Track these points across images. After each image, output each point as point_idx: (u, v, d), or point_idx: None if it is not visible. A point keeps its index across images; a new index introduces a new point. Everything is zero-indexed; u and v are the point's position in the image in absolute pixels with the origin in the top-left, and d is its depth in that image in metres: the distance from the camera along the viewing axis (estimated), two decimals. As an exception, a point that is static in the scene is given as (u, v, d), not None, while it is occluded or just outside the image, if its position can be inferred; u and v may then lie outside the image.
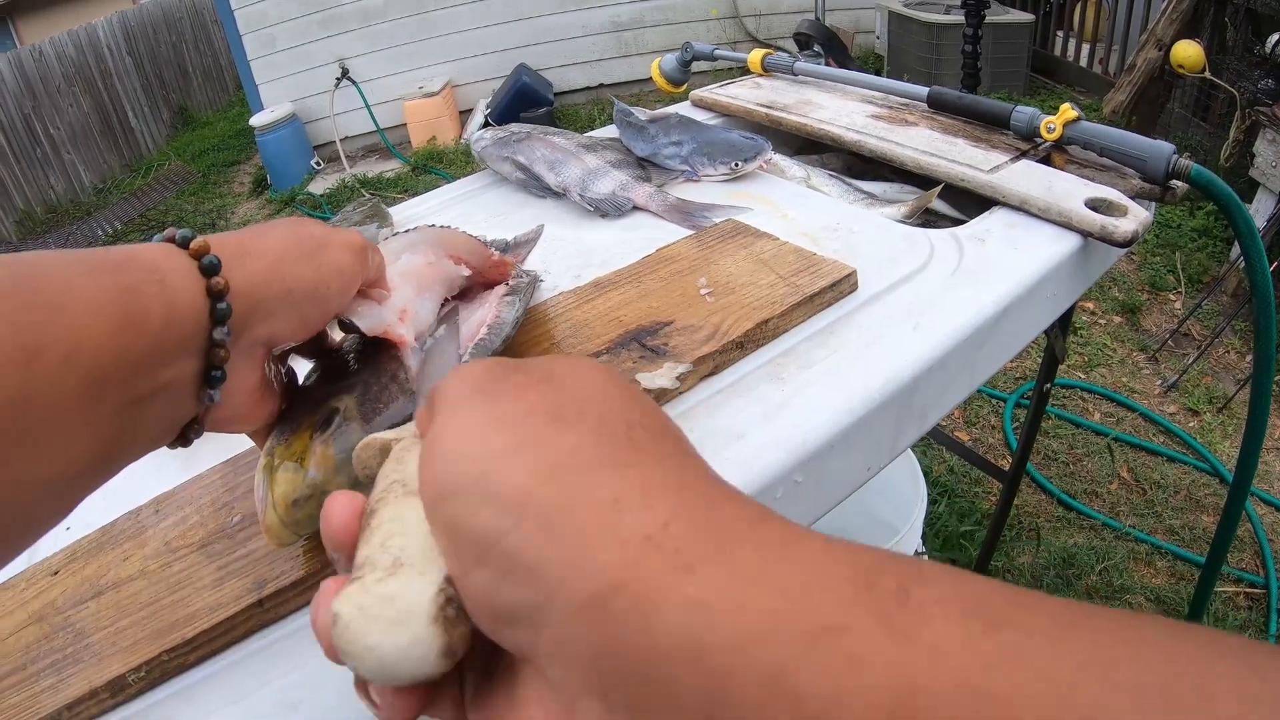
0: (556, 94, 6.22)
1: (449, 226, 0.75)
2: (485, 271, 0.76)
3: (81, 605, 0.61)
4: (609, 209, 1.05)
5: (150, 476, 0.76)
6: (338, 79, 6.09)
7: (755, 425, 0.67)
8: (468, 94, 6.36)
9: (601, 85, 6.51)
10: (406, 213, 1.18)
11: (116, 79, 8.06)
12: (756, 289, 0.79)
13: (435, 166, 5.71)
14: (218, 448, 0.76)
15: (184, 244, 0.44)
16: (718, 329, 0.74)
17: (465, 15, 6.20)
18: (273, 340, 0.50)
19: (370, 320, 0.59)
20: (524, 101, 5.77)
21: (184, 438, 0.47)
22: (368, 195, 5.12)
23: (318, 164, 6.18)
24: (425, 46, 6.25)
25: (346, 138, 6.26)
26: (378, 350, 0.61)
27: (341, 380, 0.59)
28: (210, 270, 0.44)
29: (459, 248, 0.73)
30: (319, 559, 0.59)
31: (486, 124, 5.67)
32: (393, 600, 0.28)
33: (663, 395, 0.70)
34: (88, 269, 0.39)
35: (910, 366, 0.72)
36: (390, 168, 5.99)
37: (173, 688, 0.56)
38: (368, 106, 6.16)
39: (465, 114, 6.32)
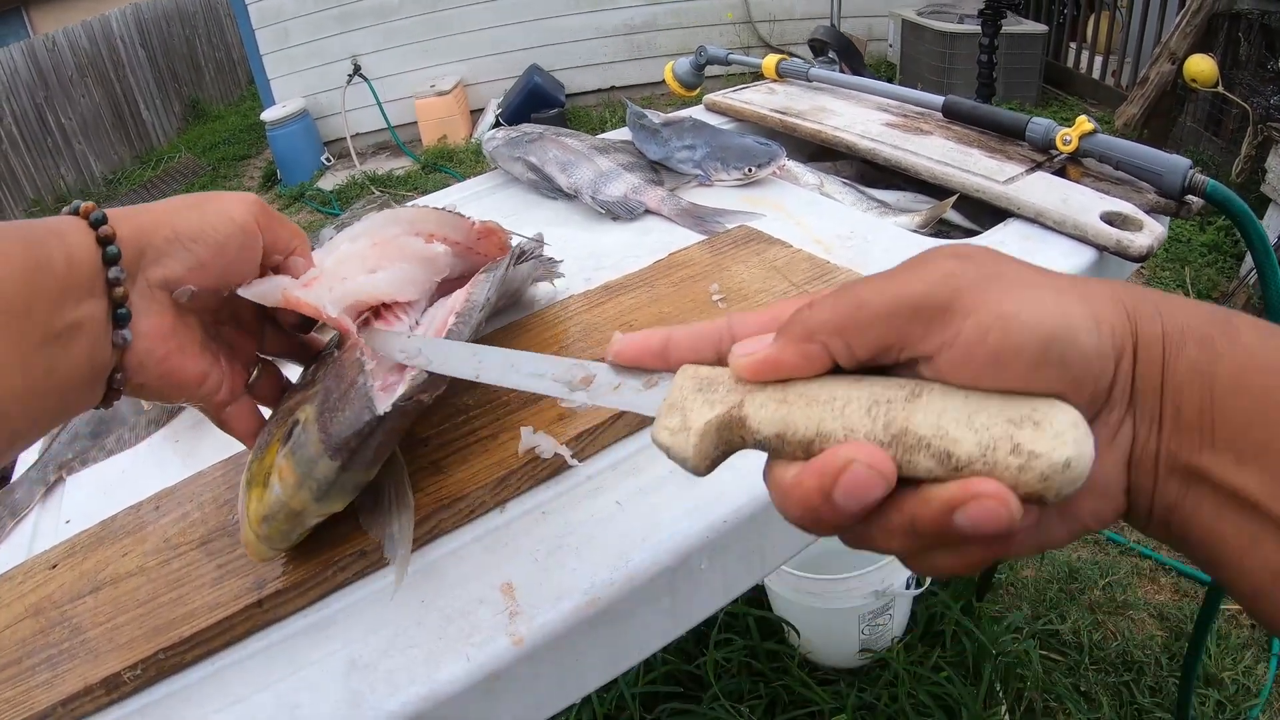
0: (568, 95, 6.21)
1: (421, 205, 0.72)
2: (475, 246, 0.74)
3: (79, 600, 0.61)
4: (621, 211, 1.04)
5: (152, 473, 0.76)
6: (350, 75, 6.09)
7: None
8: (479, 93, 6.36)
9: (613, 88, 6.50)
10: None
11: (129, 71, 8.08)
12: (769, 296, 0.78)
13: (445, 165, 5.71)
14: (219, 445, 0.75)
15: (74, 210, 0.50)
16: None
17: (478, 15, 6.20)
18: (169, 281, 0.52)
19: (259, 289, 0.58)
20: (535, 102, 5.77)
21: (113, 391, 0.51)
22: (377, 193, 5.12)
23: (328, 160, 6.18)
24: (438, 45, 6.25)
25: (357, 134, 6.26)
26: (344, 353, 0.59)
27: (311, 384, 0.58)
28: (97, 223, 0.49)
29: (427, 223, 0.69)
30: (319, 561, 0.59)
31: (498, 124, 5.67)
32: (1076, 426, 0.31)
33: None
34: None
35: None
36: (400, 165, 5.99)
37: (170, 687, 0.56)
38: (379, 103, 6.16)
39: (476, 113, 6.31)
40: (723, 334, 0.40)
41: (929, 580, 1.77)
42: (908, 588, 1.71)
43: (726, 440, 0.37)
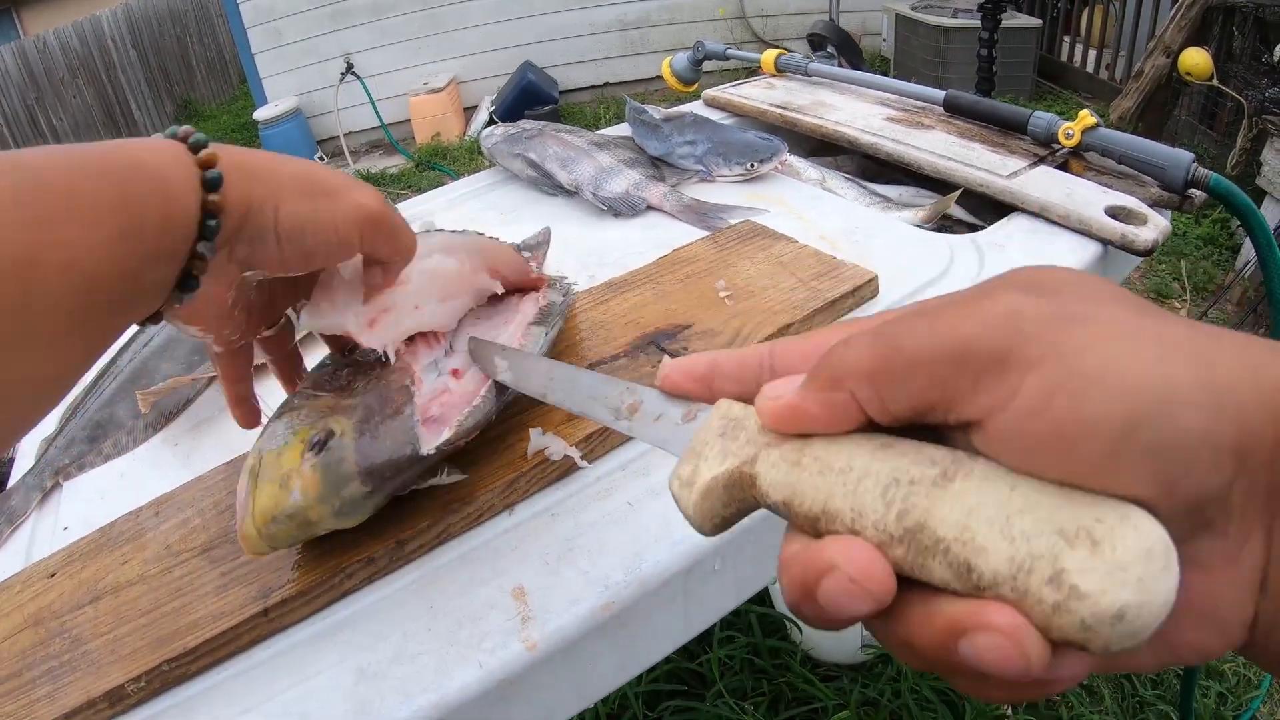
0: (562, 92, 6.20)
1: (495, 238, 0.72)
2: (509, 281, 0.73)
3: (79, 610, 0.60)
4: (623, 208, 1.03)
5: (150, 477, 0.75)
6: (343, 73, 6.07)
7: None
8: (473, 91, 6.34)
9: (607, 84, 6.49)
10: (414, 209, 1.17)
11: (120, 71, 8.05)
12: (777, 292, 0.78)
13: (439, 163, 5.68)
14: (219, 448, 0.74)
15: (195, 148, 0.45)
16: (738, 333, 0.73)
17: (472, 12, 6.18)
18: (248, 264, 0.49)
19: (319, 320, 0.56)
20: (529, 99, 5.75)
21: (149, 319, 0.48)
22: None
23: (321, 158, 6.16)
24: (431, 42, 6.23)
25: (350, 133, 6.24)
26: (390, 371, 0.59)
27: (348, 392, 0.57)
28: (211, 185, 0.44)
29: (500, 262, 0.70)
30: (327, 567, 0.58)
31: (492, 121, 5.66)
32: (1153, 555, 0.24)
33: (684, 402, 0.68)
34: (92, 174, 0.40)
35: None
36: (394, 164, 5.96)
37: (174, 698, 0.55)
38: (372, 102, 6.14)
39: (470, 111, 6.30)
40: (764, 365, 0.35)
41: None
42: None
43: (738, 500, 0.33)
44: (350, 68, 6.08)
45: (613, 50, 6.41)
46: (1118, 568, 0.23)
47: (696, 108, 1.39)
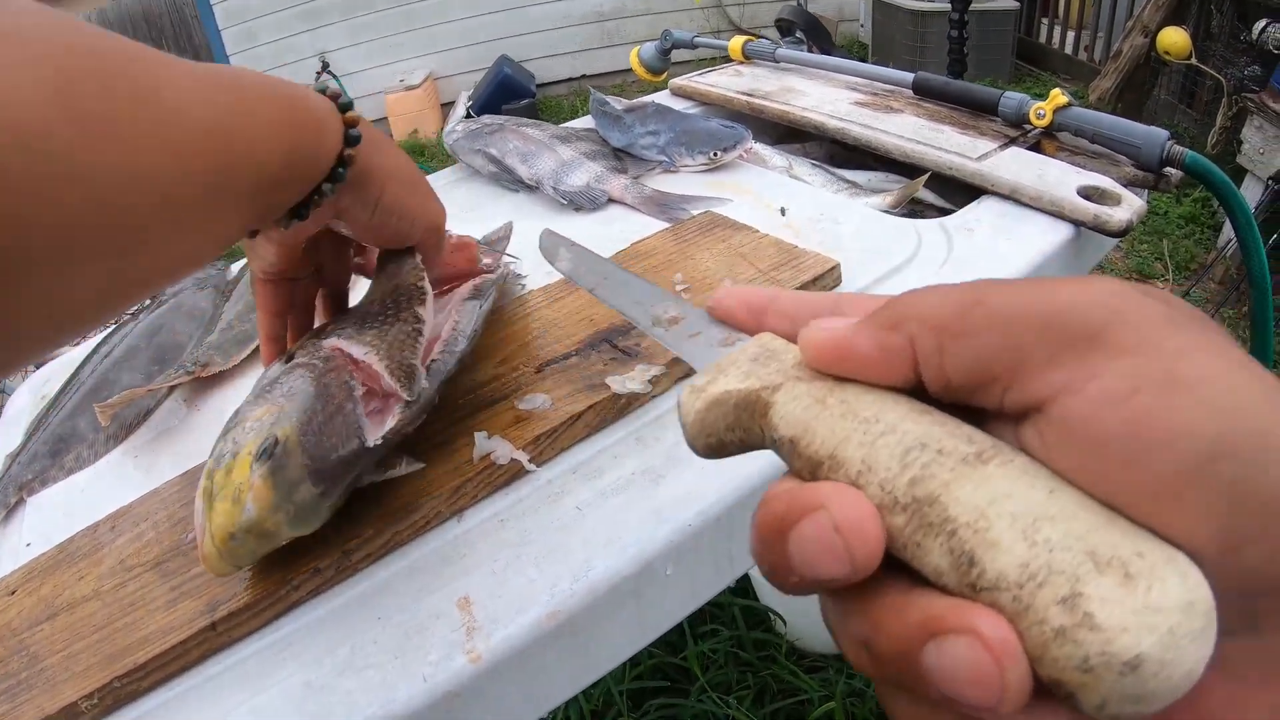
0: (539, 85, 6.17)
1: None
2: (449, 260, 0.73)
3: (36, 627, 0.59)
4: (583, 202, 1.01)
5: (112, 490, 0.74)
6: (318, 73, 6.03)
7: (734, 431, 0.64)
8: (450, 86, 6.31)
9: (584, 76, 6.47)
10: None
11: (95, 75, 7.99)
12: (735, 285, 0.76)
13: (418, 160, 5.65)
14: (178, 459, 0.74)
15: (343, 109, 0.54)
16: None
17: (448, 7, 6.15)
18: (340, 215, 0.58)
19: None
20: (506, 93, 5.73)
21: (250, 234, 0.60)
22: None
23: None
24: (407, 39, 6.20)
25: (328, 132, 6.19)
26: (329, 369, 0.58)
27: (290, 397, 0.56)
28: (352, 141, 0.53)
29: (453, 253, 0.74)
30: (274, 580, 0.56)
31: (469, 116, 5.62)
32: (1195, 608, 0.20)
33: (634, 400, 0.66)
34: (276, 94, 0.46)
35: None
36: (372, 161, 5.93)
37: (129, 714, 0.54)
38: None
39: (447, 107, 6.26)
40: (827, 308, 0.32)
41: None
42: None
43: (744, 425, 0.29)
44: (326, 67, 6.05)
45: (589, 42, 6.38)
46: (1149, 610, 0.19)
47: (662, 97, 1.37)
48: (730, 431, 0.30)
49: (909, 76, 1.20)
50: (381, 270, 0.67)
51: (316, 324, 0.70)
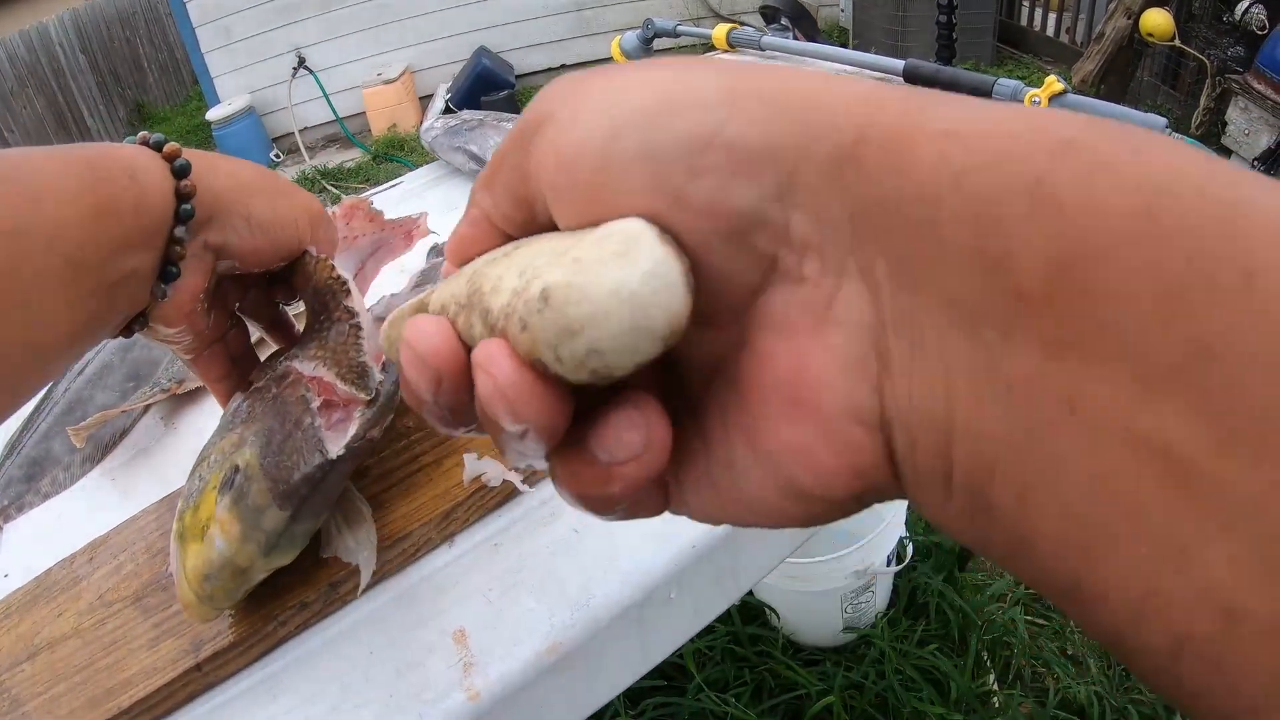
0: (518, 76, 6.13)
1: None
2: (351, 236, 0.68)
3: (17, 668, 0.57)
4: (568, 201, 0.99)
5: (91, 515, 0.73)
6: (295, 68, 5.98)
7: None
8: (427, 79, 6.25)
9: (564, 66, 6.42)
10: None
11: (70, 78, 7.89)
12: None
13: (396, 154, 5.62)
14: (156, 482, 0.73)
15: (157, 148, 0.48)
16: None
17: (424, -2, 6.11)
18: (223, 251, 0.52)
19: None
20: (485, 85, 5.68)
21: (128, 329, 0.50)
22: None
23: (277, 156, 6.08)
24: (384, 32, 6.14)
25: (305, 128, 6.16)
26: (284, 387, 0.55)
27: (249, 423, 0.53)
28: (182, 173, 0.47)
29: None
30: (259, 615, 0.54)
31: (448, 109, 5.59)
32: (610, 239, 0.20)
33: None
34: (64, 162, 0.42)
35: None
36: (351, 157, 5.89)
37: None
38: (326, 96, 6.06)
39: (425, 100, 6.22)
40: None
41: (910, 554, 1.75)
42: (888, 565, 1.68)
43: None
44: (302, 62, 5.99)
45: (569, 31, 6.34)
46: (574, 257, 0.20)
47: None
48: None
49: (899, 64, 1.18)
50: (298, 284, 0.62)
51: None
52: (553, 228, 0.25)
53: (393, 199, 1.13)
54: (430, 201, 1.10)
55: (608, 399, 0.22)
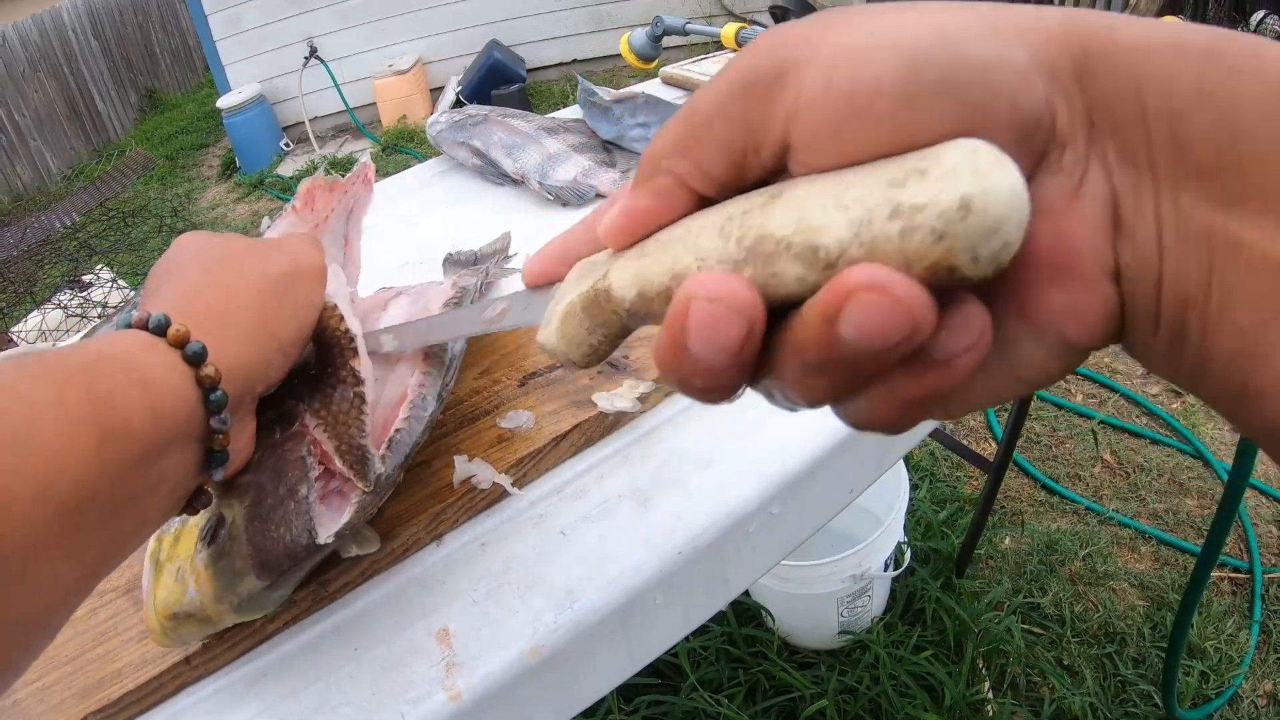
0: (529, 70, 6.12)
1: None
2: (317, 220, 0.66)
3: None
4: (570, 198, 0.98)
5: None
6: (306, 58, 5.98)
7: (727, 450, 0.61)
8: (439, 71, 6.25)
9: (575, 61, 6.41)
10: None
11: (82, 63, 7.91)
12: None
13: (406, 146, 5.61)
14: None
15: (159, 330, 0.41)
16: None
17: (436, -11, 6.10)
18: (268, 390, 0.48)
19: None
20: (496, 78, 5.68)
21: (191, 507, 0.45)
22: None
23: (287, 145, 6.08)
24: (396, 23, 6.14)
25: (316, 118, 6.15)
26: (287, 437, 0.51)
27: (247, 464, 0.51)
28: (197, 360, 0.40)
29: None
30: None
31: (458, 102, 5.59)
32: (977, 152, 0.22)
33: (621, 418, 0.63)
34: (54, 382, 0.35)
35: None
36: (360, 148, 5.89)
37: None
38: (337, 86, 6.05)
39: (436, 92, 6.22)
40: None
41: (908, 559, 1.75)
42: (885, 569, 1.68)
43: (601, 321, 0.31)
44: (314, 52, 5.99)
45: (581, 26, 6.33)
46: (947, 173, 0.22)
47: (653, 86, 1.34)
48: (593, 333, 0.31)
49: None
50: None
51: None
52: (760, 184, 0.27)
53: (381, 199, 1.12)
54: (430, 198, 1.10)
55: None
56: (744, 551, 0.59)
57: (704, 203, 0.29)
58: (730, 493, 0.57)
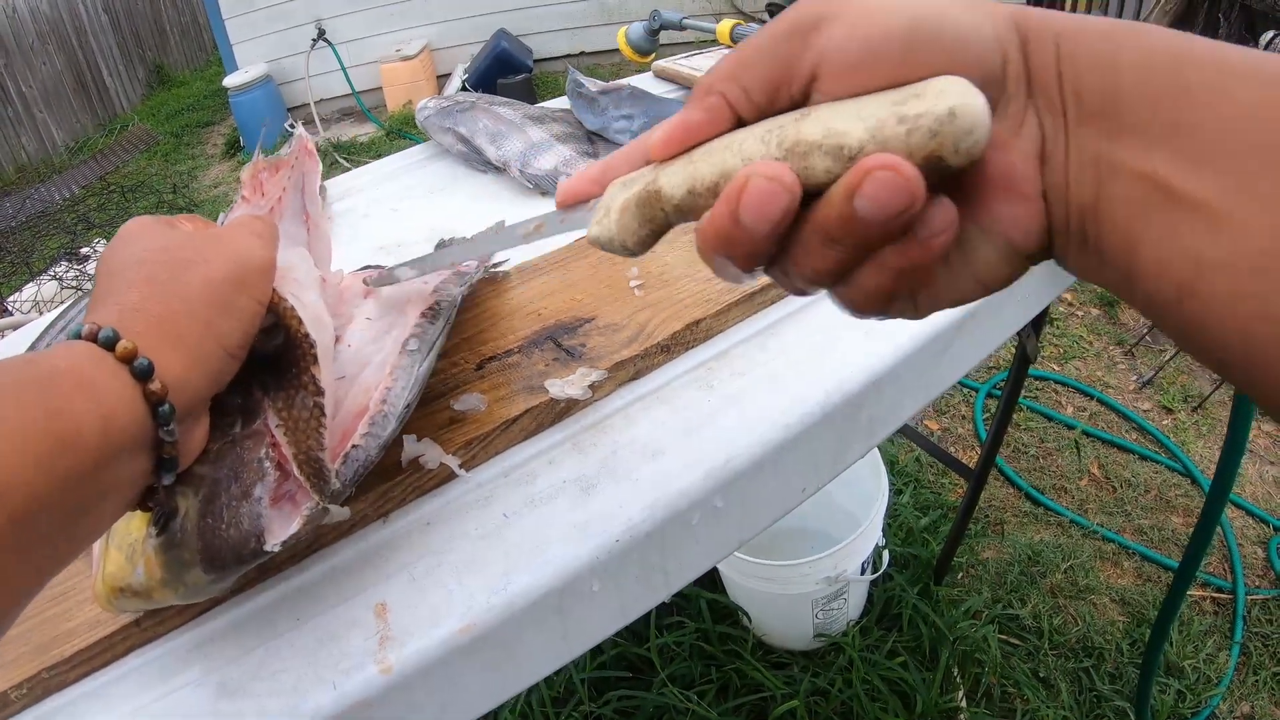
0: (537, 60, 6.11)
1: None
2: (270, 198, 0.66)
3: None
4: (549, 186, 0.99)
5: None
6: (314, 40, 5.97)
7: (675, 440, 0.62)
8: (446, 58, 6.25)
9: (583, 52, 6.41)
10: (343, 185, 1.12)
11: (91, 36, 7.90)
12: (692, 283, 0.73)
13: (410, 131, 5.61)
14: None
15: (108, 345, 0.41)
16: (643, 329, 0.68)
17: (447, -23, 6.10)
18: (216, 391, 0.48)
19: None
20: (502, 67, 5.67)
21: (143, 504, 0.45)
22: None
23: (292, 126, 6.07)
24: (405, 9, 6.13)
25: (321, 100, 6.15)
26: (248, 434, 0.51)
27: (204, 451, 0.50)
28: (144, 375, 0.41)
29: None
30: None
31: (464, 89, 5.59)
32: (957, 83, 0.31)
33: (572, 405, 0.64)
34: (10, 396, 0.36)
35: (859, 376, 0.66)
36: (365, 131, 5.89)
37: (55, 702, 0.53)
38: (344, 69, 6.05)
39: (443, 79, 6.22)
40: (642, 148, 0.40)
41: (885, 564, 1.75)
42: (863, 573, 1.68)
43: (649, 217, 0.38)
44: (322, 34, 5.98)
45: (589, 19, 6.32)
46: (939, 93, 0.30)
47: (646, 79, 1.34)
48: (643, 226, 0.39)
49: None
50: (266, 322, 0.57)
51: None
52: (787, 110, 0.35)
53: (368, 182, 1.12)
54: (414, 181, 1.10)
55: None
56: (685, 543, 0.59)
57: (738, 125, 0.36)
58: (676, 483, 0.58)
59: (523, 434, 0.63)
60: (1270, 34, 3.23)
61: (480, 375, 0.66)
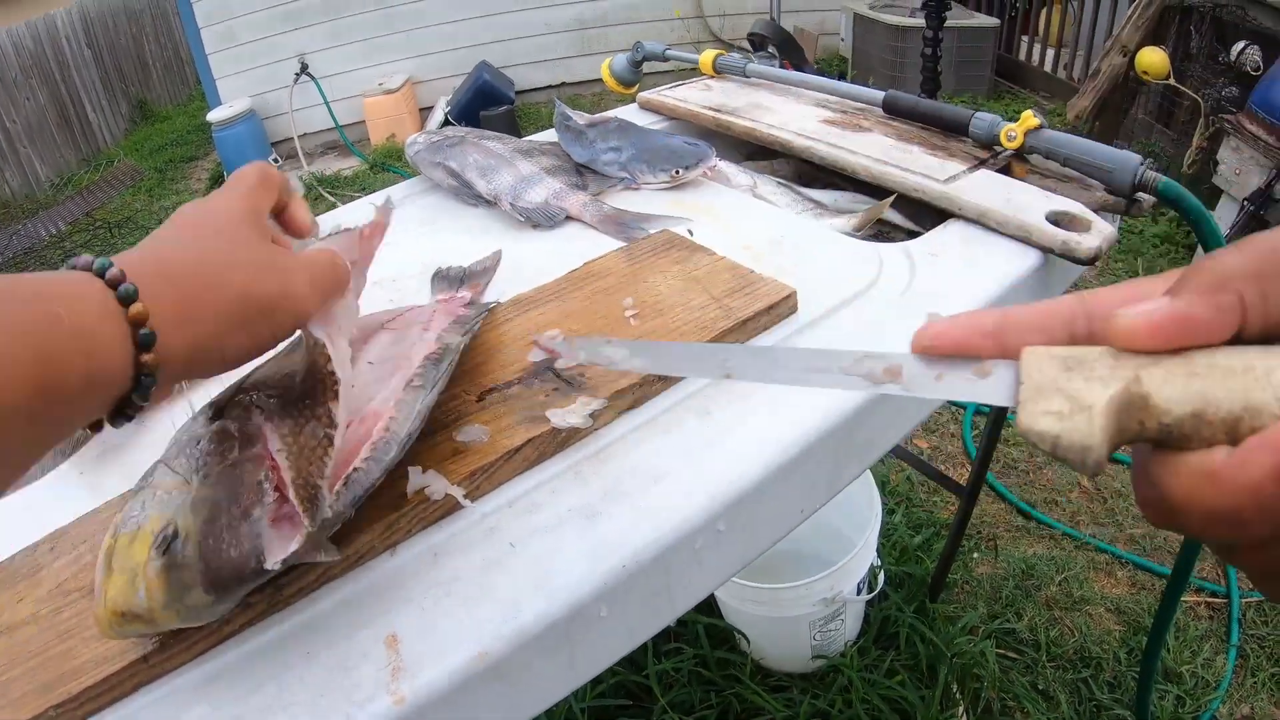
0: (518, 92, 6.15)
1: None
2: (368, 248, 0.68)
3: None
4: (540, 219, 1.00)
5: (60, 507, 0.72)
6: (297, 74, 5.99)
7: (677, 467, 0.62)
8: (429, 91, 6.28)
9: (564, 83, 6.45)
10: (333, 221, 1.12)
11: (74, 71, 7.90)
12: (686, 310, 0.74)
13: (394, 165, 5.63)
14: (125, 477, 0.72)
15: (125, 300, 0.42)
16: None
17: (428, 11, 6.13)
18: (190, 379, 0.50)
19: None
20: (485, 100, 5.70)
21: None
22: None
23: (275, 161, 6.08)
24: (387, 42, 6.17)
25: (305, 134, 6.16)
26: (247, 457, 0.53)
27: (205, 474, 0.52)
28: (147, 344, 0.42)
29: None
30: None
31: (447, 122, 5.61)
32: None
33: (574, 434, 0.65)
34: (5, 329, 0.37)
35: (853, 398, 0.67)
36: (348, 165, 5.91)
37: None
38: (327, 103, 6.07)
39: (425, 111, 6.24)
40: (1075, 312, 0.33)
41: (881, 583, 1.75)
42: (859, 593, 1.68)
43: (1122, 426, 0.30)
44: (305, 68, 6.00)
45: (570, 50, 6.37)
46: None
47: (629, 111, 1.35)
48: (1113, 438, 0.30)
49: (879, 95, 1.19)
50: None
51: None
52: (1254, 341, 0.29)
53: (360, 217, 1.13)
54: (405, 216, 1.10)
55: None
56: (690, 568, 0.60)
57: (1237, 337, 0.29)
58: (681, 509, 0.59)
59: (526, 464, 0.63)
60: (1241, 44, 3.28)
61: (482, 407, 0.66)
